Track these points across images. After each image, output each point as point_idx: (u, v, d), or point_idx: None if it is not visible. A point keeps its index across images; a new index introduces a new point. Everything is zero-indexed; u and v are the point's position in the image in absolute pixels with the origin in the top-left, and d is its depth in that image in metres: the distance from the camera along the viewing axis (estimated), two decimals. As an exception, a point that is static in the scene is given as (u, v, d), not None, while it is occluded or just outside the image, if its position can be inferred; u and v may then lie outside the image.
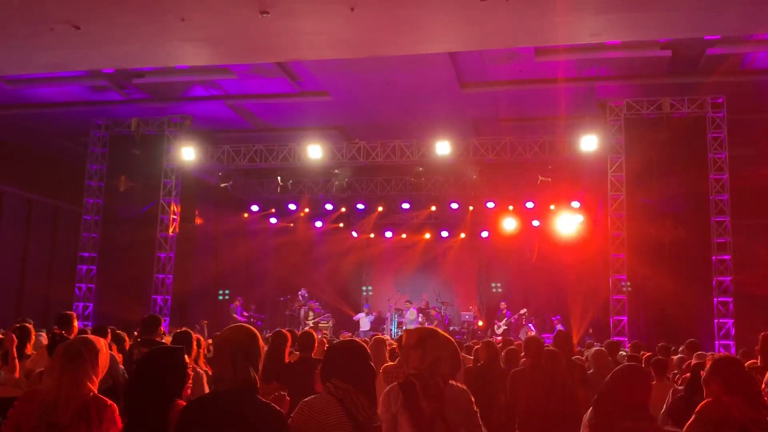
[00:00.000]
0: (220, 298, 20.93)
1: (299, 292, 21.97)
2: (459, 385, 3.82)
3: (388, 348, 7.32)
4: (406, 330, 4.00)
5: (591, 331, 18.03)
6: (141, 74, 15.41)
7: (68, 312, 7.34)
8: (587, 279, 18.46)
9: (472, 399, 3.82)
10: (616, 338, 14.10)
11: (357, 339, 7.61)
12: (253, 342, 3.16)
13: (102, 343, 3.66)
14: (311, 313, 20.93)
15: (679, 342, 10.95)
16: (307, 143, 17.82)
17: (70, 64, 13.16)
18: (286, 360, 6.81)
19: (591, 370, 7.34)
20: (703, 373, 4.00)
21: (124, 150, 17.70)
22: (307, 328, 19.89)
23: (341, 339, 9.87)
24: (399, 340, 7.58)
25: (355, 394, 3.24)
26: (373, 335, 8.49)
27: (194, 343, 5.85)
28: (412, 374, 3.64)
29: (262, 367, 6.04)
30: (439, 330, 3.79)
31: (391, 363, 6.41)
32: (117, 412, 3.49)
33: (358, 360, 3.36)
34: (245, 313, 19.77)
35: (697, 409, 3.76)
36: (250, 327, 3.24)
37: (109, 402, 3.52)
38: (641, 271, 15.16)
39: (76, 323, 7.28)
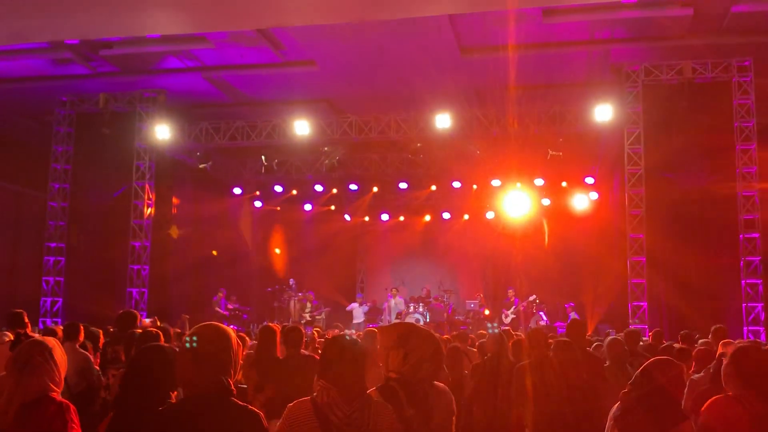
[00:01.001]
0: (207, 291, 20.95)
1: (289, 282, 22.02)
2: (440, 384, 3.82)
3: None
4: (381, 327, 3.98)
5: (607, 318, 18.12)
6: (109, 45, 15.29)
7: (17, 310, 7.46)
8: (603, 262, 18.49)
9: (453, 400, 3.84)
10: (635, 326, 14.17)
11: (347, 333, 7.61)
12: (224, 341, 3.11)
13: (53, 342, 3.72)
14: (308, 305, 20.96)
15: (704, 329, 11.00)
16: (294, 118, 17.74)
17: (30, 35, 13.01)
18: (279, 356, 6.82)
19: (607, 362, 7.37)
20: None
21: (92, 129, 17.62)
22: (304, 321, 19.98)
23: (329, 335, 9.89)
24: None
25: (330, 391, 3.26)
26: (369, 327, 8.51)
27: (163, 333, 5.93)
28: (393, 378, 3.61)
29: (255, 369, 5.97)
30: (418, 326, 3.79)
31: None
32: (70, 412, 3.56)
33: (340, 357, 3.33)
34: (229, 306, 19.79)
35: (703, 408, 3.77)
36: (218, 325, 3.20)
37: (60, 400, 3.59)
38: (662, 252, 15.20)
39: (27, 320, 7.41)
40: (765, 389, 3.67)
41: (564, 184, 20.47)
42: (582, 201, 20.20)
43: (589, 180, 19.68)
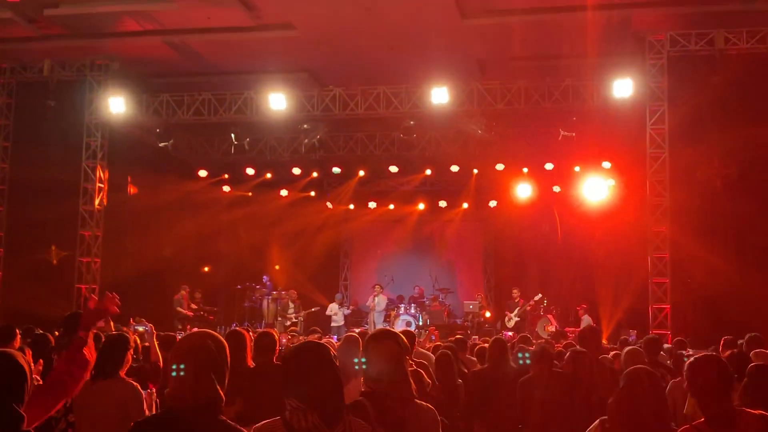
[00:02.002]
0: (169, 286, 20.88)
1: (263, 279, 21.98)
2: (423, 403, 3.78)
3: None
4: (364, 333, 3.98)
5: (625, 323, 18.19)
6: (54, 3, 15.15)
7: None
8: (620, 258, 18.54)
9: (439, 420, 3.79)
10: (656, 332, 14.23)
11: (314, 340, 7.57)
12: (222, 352, 3.28)
13: None
14: (291, 306, 20.93)
15: (736, 336, 11.03)
16: (268, 91, 17.66)
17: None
18: (250, 365, 6.79)
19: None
20: None
21: (36, 100, 17.47)
22: (288, 324, 19.97)
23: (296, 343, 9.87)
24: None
25: (308, 414, 3.16)
26: (349, 333, 8.51)
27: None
28: (365, 393, 3.59)
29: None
30: (386, 329, 3.76)
31: None
32: None
33: (310, 371, 3.25)
34: (193, 306, 19.74)
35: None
36: (216, 334, 3.36)
37: None
38: (688, 248, 15.23)
39: None
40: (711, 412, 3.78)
41: (577, 168, 20.48)
42: (597, 188, 20.21)
43: (606, 164, 19.70)
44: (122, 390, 5.65)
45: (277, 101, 17.63)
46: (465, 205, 23.68)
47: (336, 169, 22.31)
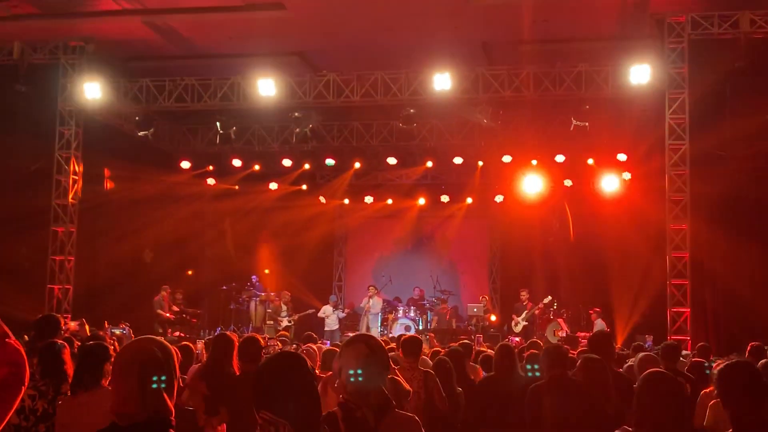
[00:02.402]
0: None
1: (251, 279, 21.95)
2: (403, 413, 3.76)
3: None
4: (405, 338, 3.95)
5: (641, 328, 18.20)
6: (25, -20, 15.13)
7: None
8: (637, 258, 18.56)
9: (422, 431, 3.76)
10: (674, 337, 14.24)
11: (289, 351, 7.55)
12: (170, 361, 3.24)
13: None
14: (284, 308, 20.91)
15: (762, 343, 11.04)
16: (257, 76, 17.63)
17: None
18: (236, 372, 6.81)
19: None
20: None
21: (4, 85, 17.40)
22: (281, 328, 19.97)
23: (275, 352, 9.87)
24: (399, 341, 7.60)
25: (281, 428, 3.12)
26: (348, 335, 8.51)
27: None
28: (340, 402, 3.58)
29: (207, 387, 5.98)
30: (364, 333, 3.75)
31: None
32: None
33: (285, 381, 3.20)
34: (174, 308, 19.73)
35: None
36: (162, 340, 3.32)
37: None
38: (710, 247, 15.25)
39: None
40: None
41: (590, 161, 20.49)
42: (612, 182, 20.22)
43: (622, 157, 19.70)
44: (108, 400, 5.57)
45: (266, 87, 17.59)
46: (469, 200, 23.66)
47: (329, 161, 22.27)
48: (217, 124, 20.11)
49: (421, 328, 20.21)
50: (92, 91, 17.49)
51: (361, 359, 3.59)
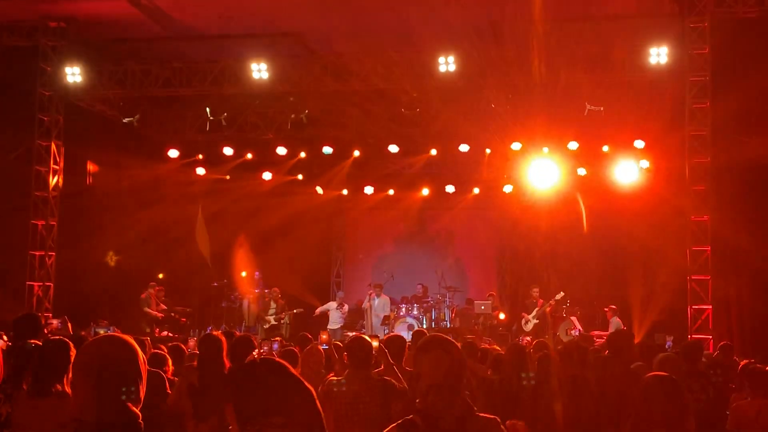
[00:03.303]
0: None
1: (254, 276, 21.99)
2: (484, 416, 3.78)
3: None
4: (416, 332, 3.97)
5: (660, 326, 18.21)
6: (1, -43, 15.12)
7: None
8: (655, 251, 18.55)
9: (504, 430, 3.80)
10: (696, 336, 14.26)
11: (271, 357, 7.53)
12: (133, 361, 3.17)
13: None
14: (272, 305, 20.92)
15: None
16: (249, 59, 17.64)
17: None
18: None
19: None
20: None
21: (-21, 70, 17.46)
22: (267, 327, 19.99)
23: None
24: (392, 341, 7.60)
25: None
26: (348, 335, 8.52)
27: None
28: (418, 410, 3.58)
29: (195, 389, 5.98)
30: (440, 336, 3.73)
31: (334, 377, 6.54)
32: None
33: (275, 390, 3.17)
34: (162, 307, 19.75)
35: None
36: (126, 339, 3.24)
37: None
38: (733, 240, 15.25)
39: None
40: None
41: (605, 148, 20.45)
42: (629, 171, 20.18)
43: (639, 144, 19.66)
44: (63, 409, 5.17)
45: (259, 71, 17.60)
46: (476, 191, 23.66)
47: (327, 149, 22.23)
48: (207, 110, 20.14)
49: (425, 326, 20.19)
50: (74, 75, 17.50)
51: (442, 368, 3.57)
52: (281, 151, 22.25)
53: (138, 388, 3.17)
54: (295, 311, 21.24)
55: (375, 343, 6.80)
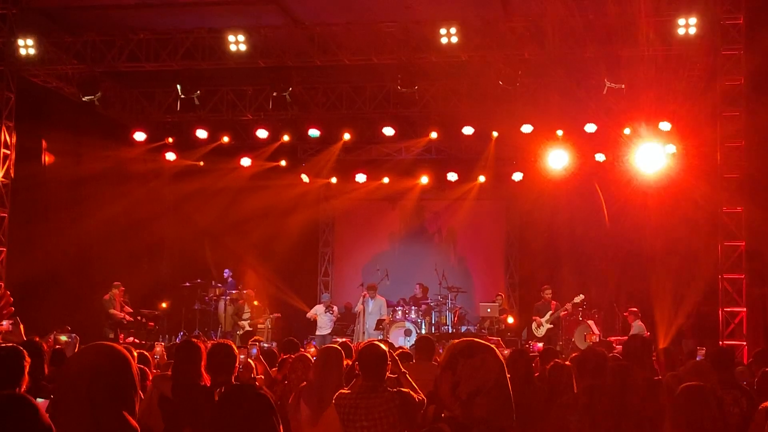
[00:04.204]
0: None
1: (224, 274, 22.00)
2: None
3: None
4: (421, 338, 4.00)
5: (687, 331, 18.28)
6: None
7: None
8: (683, 247, 18.62)
9: None
10: (728, 342, 14.32)
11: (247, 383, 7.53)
12: (127, 372, 3.24)
13: None
14: (246, 309, 20.94)
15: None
16: (226, 29, 17.63)
17: None
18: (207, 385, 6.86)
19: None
20: None
21: None
22: (240, 333, 19.99)
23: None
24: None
25: None
26: (336, 341, 8.56)
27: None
28: (445, 418, 3.62)
29: (167, 401, 6.02)
30: (478, 341, 3.75)
31: (345, 390, 6.52)
32: None
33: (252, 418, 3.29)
34: (128, 309, 19.76)
35: None
36: (118, 348, 3.31)
37: None
38: (769, 234, 15.32)
39: None
40: None
41: (627, 131, 20.49)
42: (653, 157, 20.22)
43: (665, 126, 19.71)
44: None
45: (237, 42, 17.59)
46: (481, 179, 23.66)
47: (314, 132, 22.24)
48: (178, 87, 20.09)
49: (424, 332, 20.20)
50: (26, 47, 17.48)
51: (501, 382, 3.60)
52: (261, 133, 22.23)
53: (134, 397, 3.24)
54: (272, 316, 21.29)
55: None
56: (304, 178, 24.24)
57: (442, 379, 3.62)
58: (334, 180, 24.72)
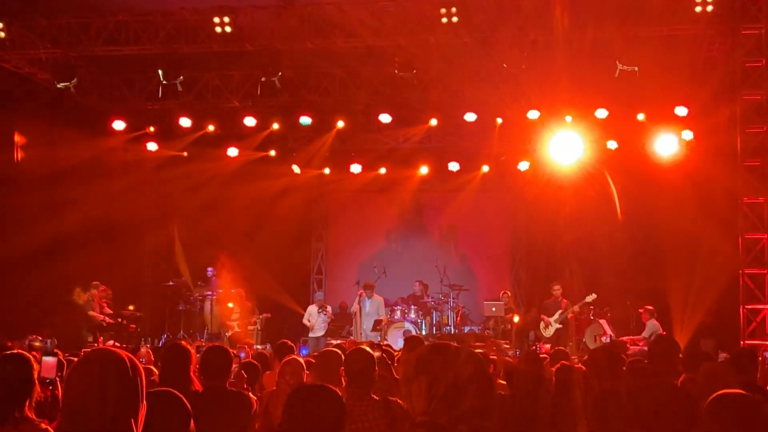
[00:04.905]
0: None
1: (207, 272, 22.00)
2: None
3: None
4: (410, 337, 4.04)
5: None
6: None
7: None
8: (701, 240, 18.64)
9: None
10: (749, 342, 14.35)
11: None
12: (137, 376, 3.35)
13: None
14: (235, 309, 20.96)
15: None
16: (209, 10, 17.61)
17: None
18: (198, 389, 6.89)
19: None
20: None
21: None
22: (229, 334, 20.00)
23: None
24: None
25: None
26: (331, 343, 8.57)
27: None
28: (420, 423, 3.66)
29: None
30: (446, 342, 3.81)
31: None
32: None
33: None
34: (108, 310, 19.76)
35: None
36: (122, 353, 3.40)
37: None
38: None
39: None
40: None
41: (640, 117, 20.50)
42: (669, 144, 20.27)
43: (681, 110, 19.73)
44: None
45: (223, 24, 17.59)
46: (485, 169, 23.70)
47: (305, 119, 22.25)
48: (160, 73, 20.09)
49: (425, 332, 20.22)
50: (-3, 30, 17.51)
51: (479, 372, 3.66)
52: (249, 122, 22.22)
53: (139, 406, 3.36)
54: (261, 316, 21.31)
55: (376, 354, 6.81)
56: (296, 168, 24.23)
57: (417, 383, 3.66)
58: (327, 171, 24.72)
